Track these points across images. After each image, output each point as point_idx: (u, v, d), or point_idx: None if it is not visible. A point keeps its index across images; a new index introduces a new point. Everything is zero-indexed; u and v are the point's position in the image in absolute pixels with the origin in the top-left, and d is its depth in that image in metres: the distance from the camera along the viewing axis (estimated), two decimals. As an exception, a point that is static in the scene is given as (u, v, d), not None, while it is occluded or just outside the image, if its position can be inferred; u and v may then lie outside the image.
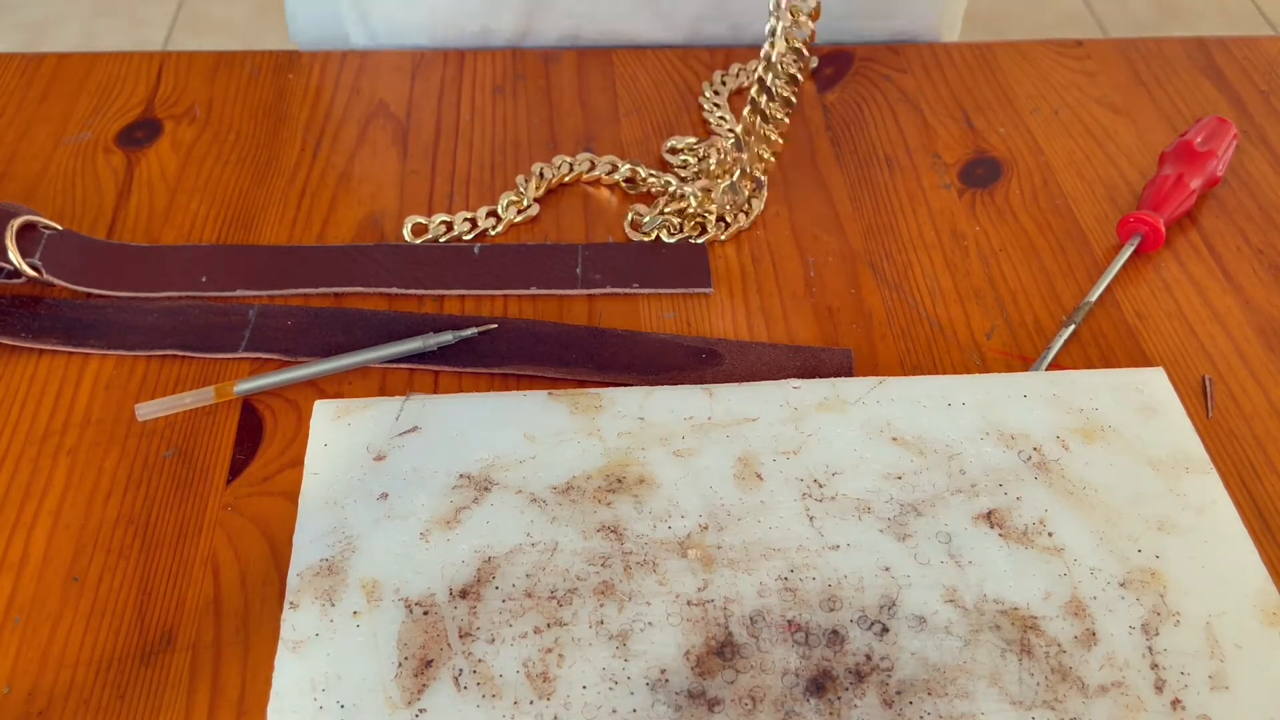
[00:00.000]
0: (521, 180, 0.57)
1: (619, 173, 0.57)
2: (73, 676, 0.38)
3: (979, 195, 0.58)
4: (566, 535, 0.41)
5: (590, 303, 0.52)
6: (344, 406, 0.45)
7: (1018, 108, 0.63)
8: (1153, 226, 0.53)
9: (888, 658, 0.38)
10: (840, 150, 0.60)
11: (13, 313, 0.50)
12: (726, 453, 0.44)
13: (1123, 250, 0.53)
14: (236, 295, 0.51)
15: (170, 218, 0.55)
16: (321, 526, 0.41)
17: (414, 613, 0.39)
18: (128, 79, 0.63)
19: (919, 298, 0.52)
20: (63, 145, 0.59)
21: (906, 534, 0.41)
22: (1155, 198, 0.54)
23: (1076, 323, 0.50)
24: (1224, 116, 0.59)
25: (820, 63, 0.66)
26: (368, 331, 0.49)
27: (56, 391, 0.47)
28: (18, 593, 0.40)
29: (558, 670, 0.38)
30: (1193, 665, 0.38)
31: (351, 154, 0.59)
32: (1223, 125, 0.57)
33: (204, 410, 0.47)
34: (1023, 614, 0.39)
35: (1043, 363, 0.48)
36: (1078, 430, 0.45)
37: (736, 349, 0.49)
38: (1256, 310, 0.52)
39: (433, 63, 0.65)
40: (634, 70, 0.65)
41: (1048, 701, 0.37)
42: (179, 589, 0.41)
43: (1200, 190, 0.56)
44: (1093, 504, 0.43)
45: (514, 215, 0.55)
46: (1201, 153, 0.56)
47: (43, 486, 0.44)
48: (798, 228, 0.55)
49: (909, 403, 0.46)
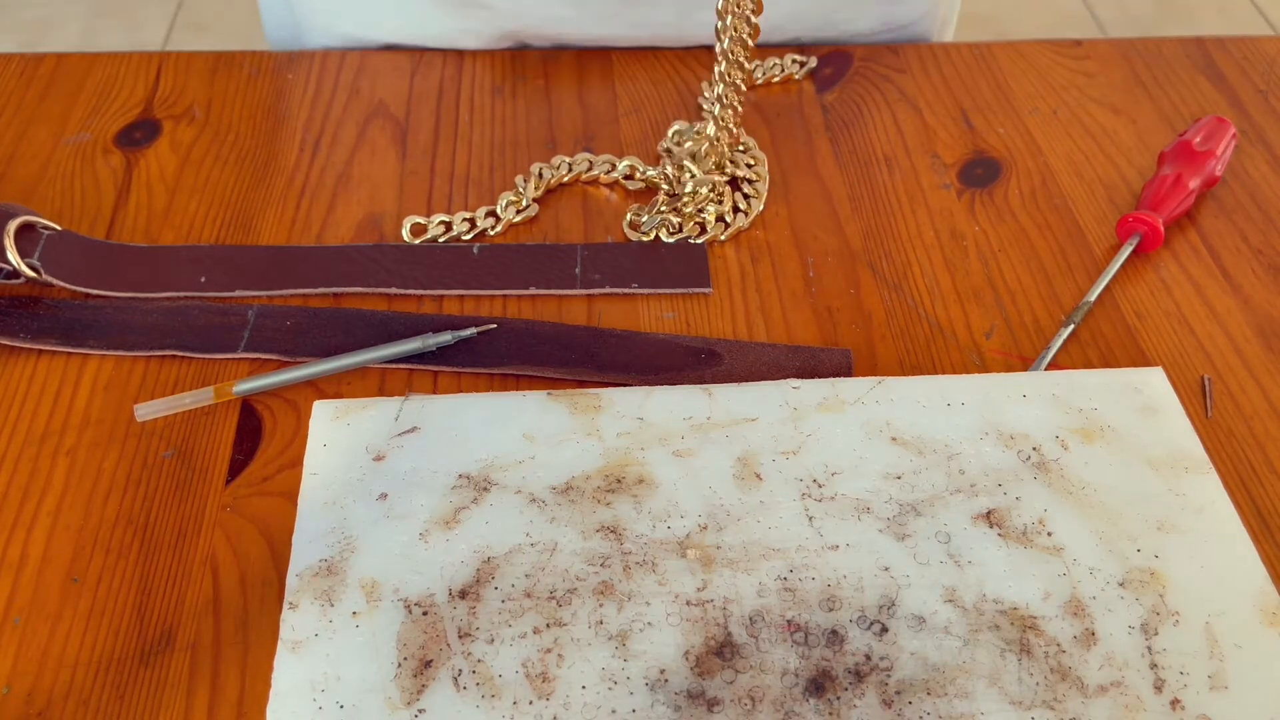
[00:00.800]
0: (520, 180, 0.57)
1: (617, 170, 0.57)
2: (72, 677, 0.38)
3: (978, 195, 0.58)
4: (566, 535, 0.41)
5: (589, 303, 0.52)
6: (343, 407, 0.45)
7: (1017, 108, 0.63)
8: (1151, 226, 0.53)
9: (887, 658, 0.38)
10: (839, 150, 0.60)
11: (12, 313, 0.50)
12: (726, 453, 0.44)
13: (1122, 250, 0.53)
14: (235, 295, 0.51)
15: (169, 218, 0.55)
16: (321, 527, 0.41)
17: (413, 613, 0.39)
18: (127, 79, 0.63)
19: (918, 298, 0.52)
20: (62, 145, 0.59)
21: (906, 534, 0.41)
22: (1154, 198, 0.54)
23: (1076, 322, 0.50)
24: (1223, 116, 0.59)
25: (819, 63, 0.66)
26: (367, 332, 0.49)
27: (56, 392, 0.47)
28: (17, 593, 0.40)
29: (557, 670, 0.38)
30: (1192, 665, 0.38)
31: (350, 154, 0.59)
32: (1221, 125, 0.57)
33: (203, 410, 0.47)
34: (1022, 614, 0.39)
35: (1042, 362, 0.48)
36: (1077, 430, 0.45)
37: (736, 349, 0.49)
38: (1256, 310, 0.52)
39: (432, 63, 0.65)
40: (633, 70, 0.65)
41: (1047, 701, 0.37)
42: (178, 589, 0.41)
43: (1199, 190, 0.56)
44: (1092, 504, 0.43)
45: (513, 215, 0.55)
46: (1200, 152, 0.56)
47: (42, 487, 0.44)
48: (797, 228, 0.55)
49: (908, 403, 0.46)
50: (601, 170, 0.58)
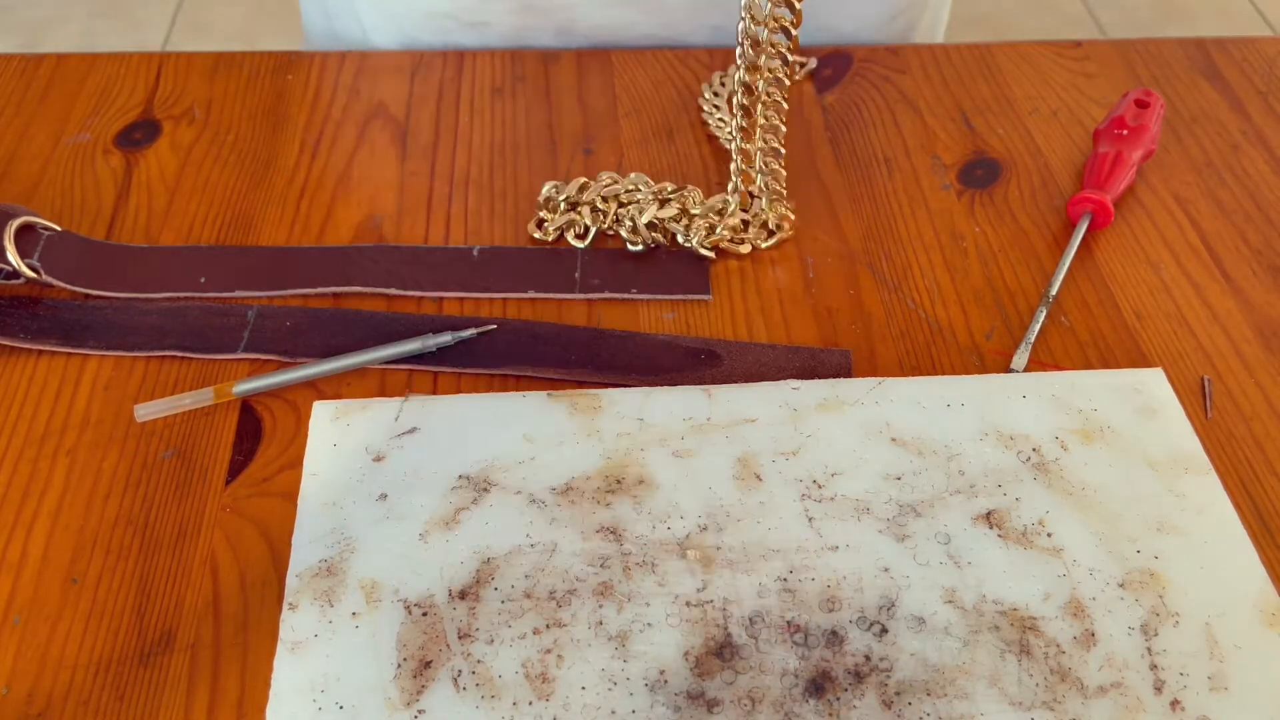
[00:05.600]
0: (541, 208, 0.55)
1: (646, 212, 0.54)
2: (72, 677, 0.38)
3: (978, 196, 0.58)
4: (566, 536, 0.41)
5: (589, 303, 0.52)
6: (343, 407, 0.45)
7: (1017, 109, 0.63)
8: (1099, 204, 0.54)
9: (887, 658, 0.38)
10: (839, 151, 0.60)
11: (11, 313, 0.50)
12: (726, 454, 0.44)
13: (1076, 229, 0.54)
14: (235, 296, 0.51)
15: (169, 218, 0.55)
16: (320, 527, 0.41)
17: (413, 614, 0.39)
18: (127, 80, 0.63)
19: (918, 299, 0.52)
20: (62, 146, 0.59)
21: (906, 535, 0.41)
22: (1098, 176, 0.56)
23: (1047, 306, 0.51)
24: (1149, 89, 0.60)
25: (819, 64, 0.66)
26: (366, 332, 0.49)
27: (55, 392, 0.47)
28: (16, 594, 0.40)
29: (557, 671, 0.38)
30: (1192, 666, 0.38)
31: (350, 155, 0.59)
32: (1149, 96, 0.59)
33: (203, 411, 0.47)
34: (1022, 615, 0.39)
35: (1023, 355, 0.48)
36: (1077, 431, 0.45)
37: (735, 350, 0.49)
38: (1255, 311, 0.52)
39: (432, 64, 0.65)
40: (633, 71, 0.65)
41: (1047, 702, 0.37)
42: (178, 590, 0.41)
43: (1139, 163, 0.57)
44: (1092, 505, 0.43)
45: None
46: (1134, 127, 0.57)
47: (41, 487, 0.44)
48: (797, 228, 0.55)
49: (908, 403, 0.46)
50: (626, 229, 0.55)
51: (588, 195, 0.55)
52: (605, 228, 0.55)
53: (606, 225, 0.55)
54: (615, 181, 0.56)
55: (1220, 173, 0.59)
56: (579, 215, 0.55)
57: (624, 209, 0.55)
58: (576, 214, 0.55)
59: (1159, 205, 0.57)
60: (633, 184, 0.56)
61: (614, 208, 0.55)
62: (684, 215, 0.54)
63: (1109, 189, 0.55)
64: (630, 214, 0.54)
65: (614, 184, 0.56)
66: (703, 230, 0.53)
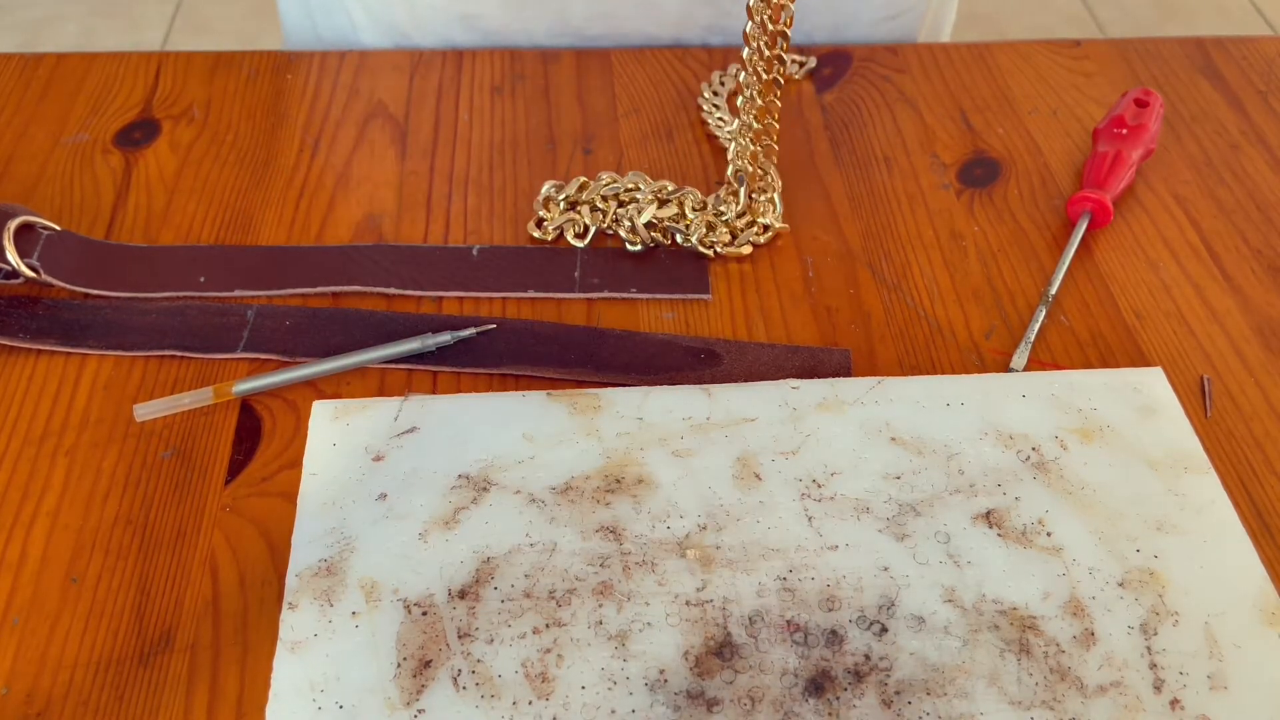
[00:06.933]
0: (540, 207, 0.55)
1: (644, 214, 0.54)
2: (71, 677, 0.38)
3: (977, 195, 0.58)
4: (565, 536, 0.41)
5: (589, 303, 0.52)
6: (343, 407, 0.45)
7: (1016, 108, 0.63)
8: (1099, 203, 0.54)
9: (886, 658, 0.38)
10: (839, 150, 0.60)
11: (11, 313, 0.50)
12: (725, 453, 0.44)
13: (1076, 229, 0.54)
14: (235, 295, 0.51)
15: (168, 218, 0.55)
16: (320, 527, 0.41)
17: (413, 613, 0.39)
18: (126, 79, 0.63)
19: (918, 298, 0.52)
20: (61, 145, 0.59)
21: (905, 534, 0.41)
22: (1097, 175, 0.56)
23: (1046, 305, 0.51)
24: (1149, 89, 0.60)
25: (818, 63, 0.66)
26: (366, 332, 0.49)
27: (55, 392, 0.47)
28: (16, 593, 0.40)
29: (557, 671, 0.38)
30: (1191, 665, 0.38)
31: (350, 154, 0.59)
32: (1148, 95, 0.59)
33: (202, 411, 0.47)
34: (1021, 614, 0.39)
35: (1023, 354, 0.48)
36: (1076, 430, 0.45)
37: (735, 349, 0.49)
38: (1255, 311, 0.52)
39: (431, 63, 0.65)
40: (632, 71, 0.65)
41: (1046, 701, 0.37)
42: (177, 590, 0.41)
43: (1138, 162, 0.57)
44: (1091, 504, 0.43)
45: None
46: (1134, 126, 0.57)
47: (41, 487, 0.44)
48: (796, 227, 0.55)
49: (908, 403, 0.46)
50: (626, 229, 0.55)
51: (587, 195, 0.56)
52: (604, 227, 0.55)
53: (606, 225, 0.55)
54: (614, 181, 0.56)
55: (1220, 172, 0.59)
56: (578, 215, 0.55)
57: (623, 208, 0.55)
58: (576, 213, 0.55)
59: (1158, 205, 0.57)
60: (632, 183, 0.56)
61: (613, 207, 0.55)
62: (683, 215, 0.54)
63: (1108, 188, 0.55)
64: (629, 213, 0.54)
65: (613, 183, 0.56)
66: (702, 229, 0.53)
